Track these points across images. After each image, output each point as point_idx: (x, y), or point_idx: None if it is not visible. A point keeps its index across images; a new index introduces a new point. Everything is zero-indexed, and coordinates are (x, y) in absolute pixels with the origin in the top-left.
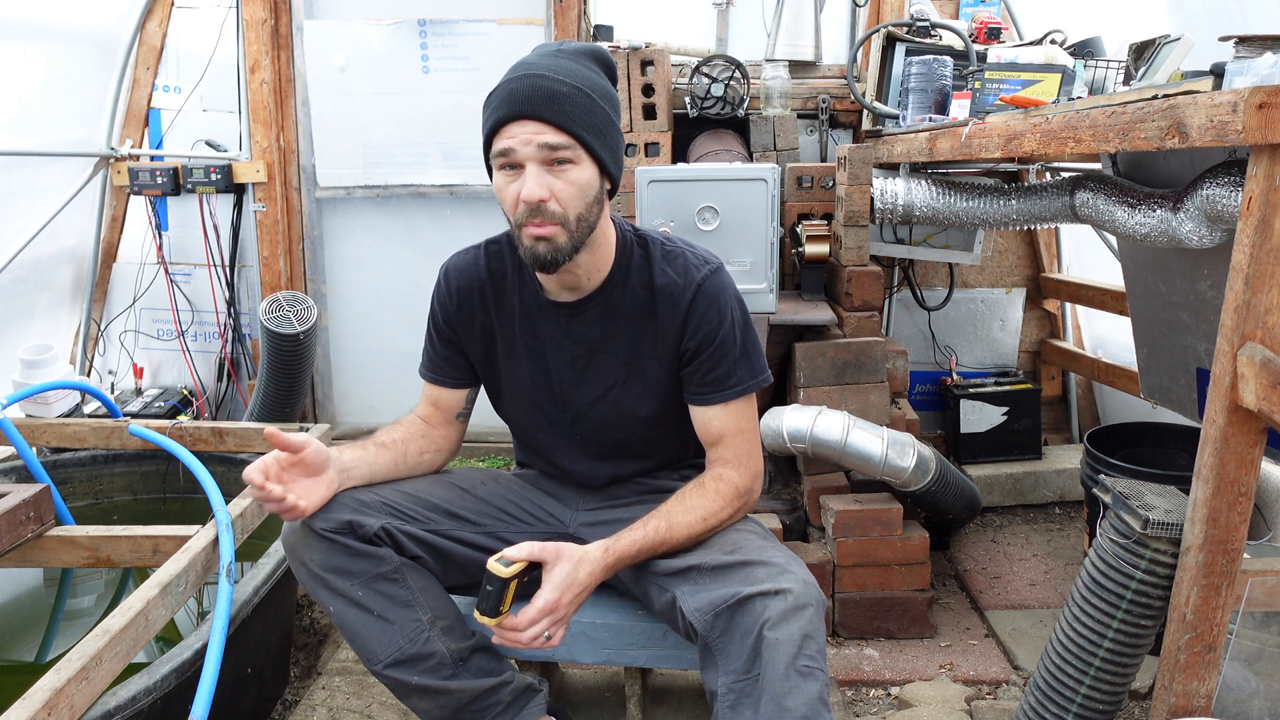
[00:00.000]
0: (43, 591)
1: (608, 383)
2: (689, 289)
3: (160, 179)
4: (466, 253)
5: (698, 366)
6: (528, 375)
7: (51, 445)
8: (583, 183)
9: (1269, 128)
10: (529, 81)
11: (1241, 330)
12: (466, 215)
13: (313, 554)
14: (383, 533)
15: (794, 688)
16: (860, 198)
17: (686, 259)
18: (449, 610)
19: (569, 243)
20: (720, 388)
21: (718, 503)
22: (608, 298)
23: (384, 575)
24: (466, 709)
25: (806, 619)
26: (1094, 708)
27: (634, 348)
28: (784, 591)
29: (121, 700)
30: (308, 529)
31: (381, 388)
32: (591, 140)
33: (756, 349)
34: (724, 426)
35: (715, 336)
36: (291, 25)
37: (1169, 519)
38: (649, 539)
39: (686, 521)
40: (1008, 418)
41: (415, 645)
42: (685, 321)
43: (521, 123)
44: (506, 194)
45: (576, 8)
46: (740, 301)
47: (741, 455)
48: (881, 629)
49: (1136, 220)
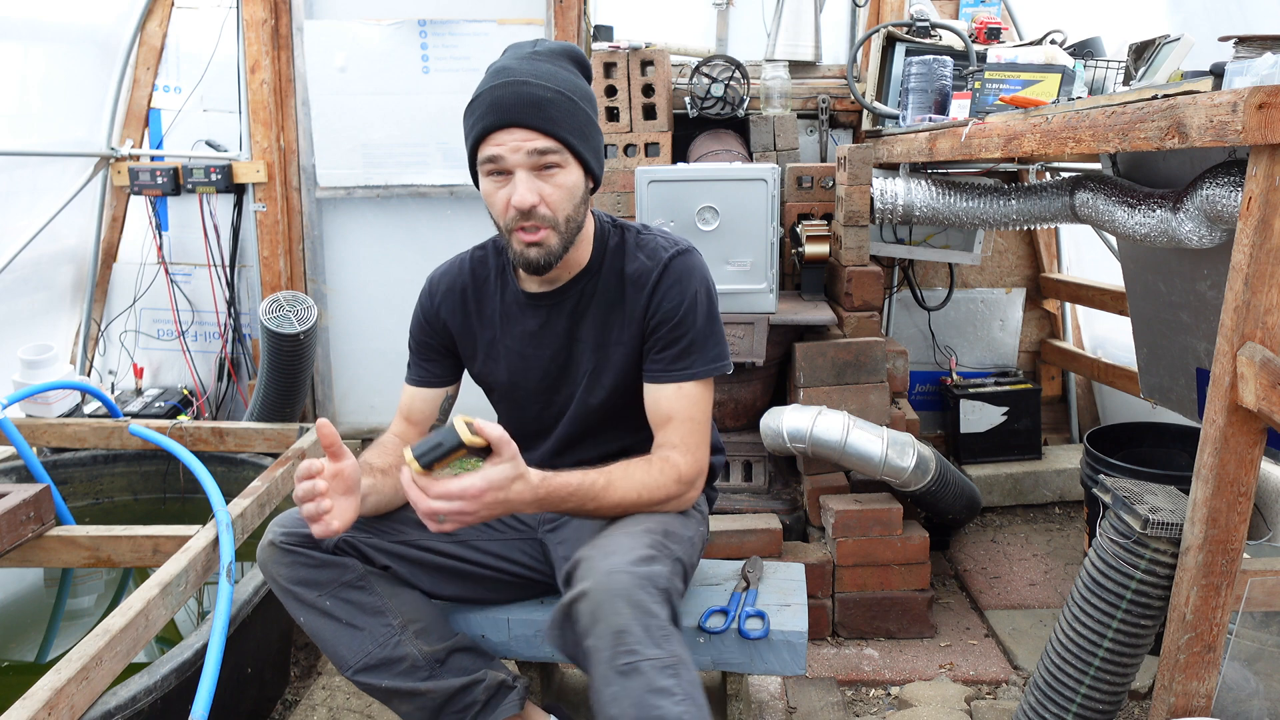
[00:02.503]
0: (43, 591)
1: (582, 372)
2: (655, 268)
3: (160, 179)
4: (451, 261)
5: (655, 342)
6: (507, 375)
7: (52, 445)
8: (570, 185)
9: (1269, 128)
10: (513, 89)
11: (1241, 330)
12: (466, 215)
13: (280, 569)
14: (344, 544)
15: (615, 696)
16: (860, 198)
17: (657, 243)
18: (424, 614)
19: (560, 244)
20: (673, 365)
21: (658, 481)
22: (582, 289)
23: (349, 584)
24: (444, 708)
25: (616, 610)
26: (1094, 707)
27: (603, 335)
28: (584, 593)
29: (121, 700)
30: (273, 546)
31: (381, 388)
32: (577, 143)
33: (718, 335)
34: (673, 409)
35: (675, 314)
36: (291, 25)
37: (1169, 519)
38: (584, 489)
39: (623, 488)
40: (1008, 418)
41: (385, 650)
42: (650, 299)
43: (509, 130)
44: (496, 199)
45: (576, 8)
46: (709, 287)
47: (690, 442)
48: (881, 629)
49: (1136, 220)
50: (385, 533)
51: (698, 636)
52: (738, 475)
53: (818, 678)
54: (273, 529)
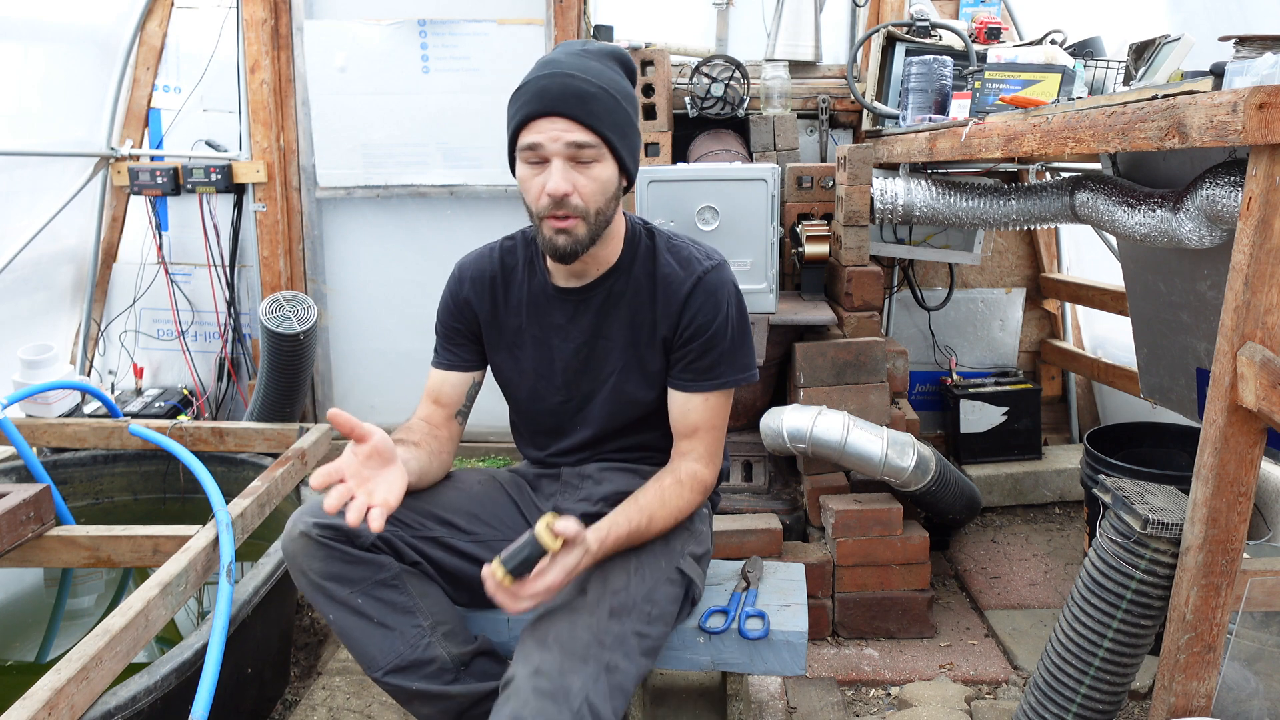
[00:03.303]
0: (43, 591)
1: (609, 370)
2: (689, 280)
3: (160, 179)
4: (481, 249)
5: (686, 353)
6: (531, 365)
7: (52, 445)
8: (604, 179)
9: (1269, 128)
10: (560, 80)
11: (1241, 330)
12: (466, 215)
13: (312, 562)
14: (380, 540)
15: None
16: (860, 198)
17: (691, 252)
18: (450, 615)
19: (588, 235)
20: (705, 377)
21: (689, 500)
22: (611, 286)
23: (384, 582)
24: (467, 713)
25: (512, 704)
26: (1094, 707)
27: (632, 335)
28: (507, 682)
29: (121, 700)
30: (306, 538)
31: (381, 388)
32: (615, 140)
33: (748, 348)
34: (700, 419)
35: (709, 328)
36: (291, 25)
37: (1169, 519)
38: (633, 535)
39: (662, 518)
40: (1008, 418)
41: (416, 651)
42: (682, 312)
43: (551, 119)
44: (531, 185)
45: (576, 8)
46: (740, 300)
47: (713, 451)
48: (881, 629)
49: (1136, 220)
50: (413, 526)
51: (698, 636)
52: (738, 475)
53: (818, 678)
54: (303, 519)
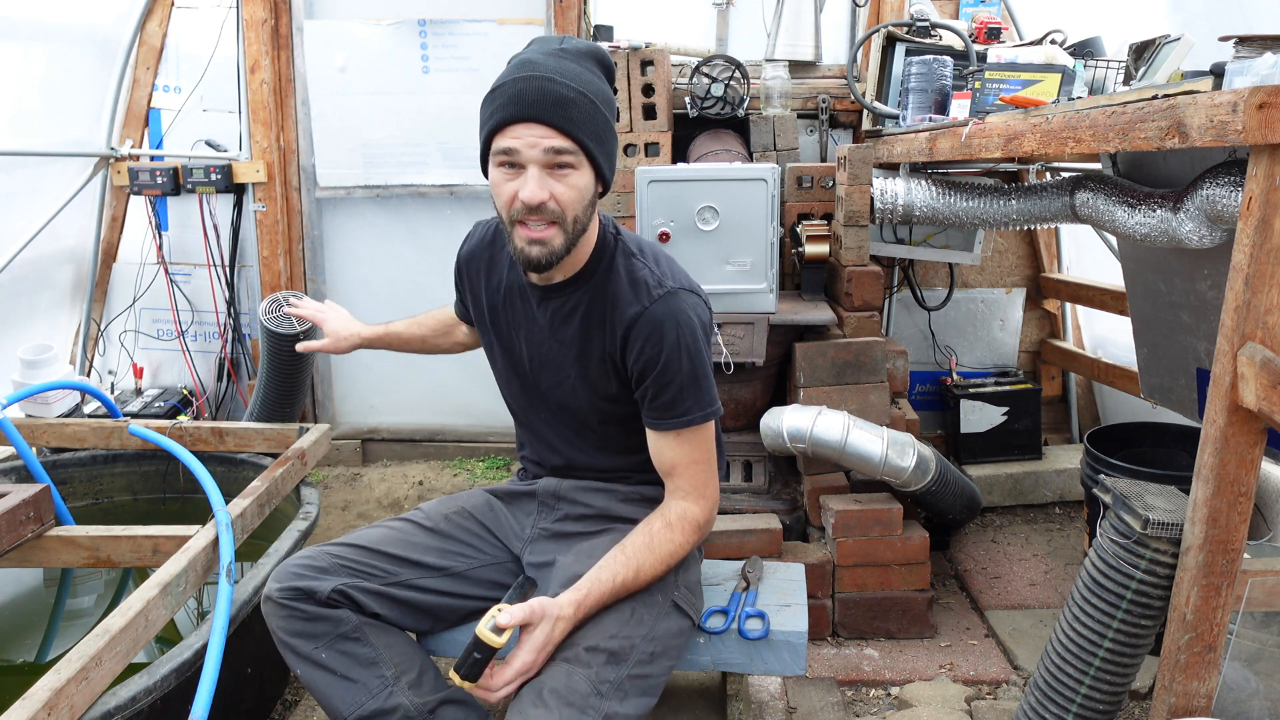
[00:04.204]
0: (43, 591)
1: (562, 375)
2: (634, 308)
3: (160, 179)
4: (489, 222)
5: (645, 390)
6: (501, 348)
7: (51, 445)
8: (581, 187)
9: (1269, 128)
10: (538, 84)
11: (1241, 330)
12: (466, 215)
13: (278, 621)
14: (337, 594)
15: None
16: (860, 198)
17: (645, 274)
18: (415, 664)
19: (564, 244)
20: (668, 414)
21: (680, 542)
22: (570, 294)
23: (344, 635)
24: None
25: None
26: (1094, 708)
27: (582, 349)
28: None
29: (121, 700)
30: (270, 601)
31: (382, 388)
32: (593, 147)
33: (706, 380)
34: (676, 457)
35: (657, 362)
36: (291, 25)
37: (1169, 519)
38: (617, 589)
39: (651, 566)
40: (1008, 418)
41: (378, 701)
42: (625, 342)
43: (528, 125)
44: (504, 190)
45: (576, 8)
46: (692, 329)
47: (699, 486)
48: (881, 629)
49: (1136, 220)
50: (377, 575)
51: (698, 636)
52: (738, 475)
53: (818, 678)
54: (270, 583)
